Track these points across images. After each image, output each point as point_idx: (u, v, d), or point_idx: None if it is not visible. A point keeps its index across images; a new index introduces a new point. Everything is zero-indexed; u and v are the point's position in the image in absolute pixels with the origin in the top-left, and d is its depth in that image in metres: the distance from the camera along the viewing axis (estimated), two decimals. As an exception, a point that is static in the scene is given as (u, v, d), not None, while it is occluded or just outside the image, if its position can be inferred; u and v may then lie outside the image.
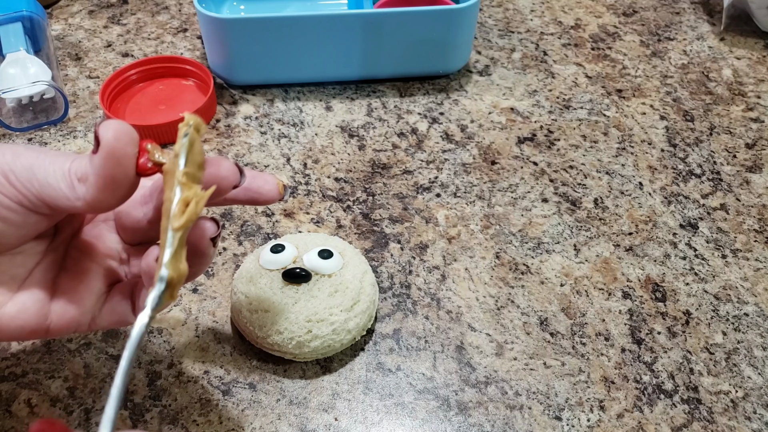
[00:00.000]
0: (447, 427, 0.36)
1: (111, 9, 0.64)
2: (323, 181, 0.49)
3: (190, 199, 0.27)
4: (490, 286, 0.43)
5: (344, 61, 0.55)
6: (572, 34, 0.64)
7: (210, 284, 0.42)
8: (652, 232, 0.47)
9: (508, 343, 0.40)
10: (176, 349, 0.39)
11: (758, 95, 0.58)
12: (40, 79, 0.51)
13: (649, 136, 0.54)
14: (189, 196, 0.27)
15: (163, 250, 0.26)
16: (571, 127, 0.54)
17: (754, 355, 0.40)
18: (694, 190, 0.50)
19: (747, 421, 0.37)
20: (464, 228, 0.46)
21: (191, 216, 0.27)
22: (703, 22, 0.66)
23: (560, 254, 0.45)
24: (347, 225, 0.46)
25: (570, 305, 0.42)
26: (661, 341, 0.40)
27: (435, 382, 0.38)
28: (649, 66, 0.61)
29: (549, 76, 0.59)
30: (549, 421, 0.37)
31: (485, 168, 0.51)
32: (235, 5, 0.61)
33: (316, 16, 0.52)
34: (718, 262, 0.45)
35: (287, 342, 0.36)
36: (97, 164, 0.26)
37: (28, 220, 0.28)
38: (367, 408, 0.37)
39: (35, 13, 0.55)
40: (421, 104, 0.56)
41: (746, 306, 0.43)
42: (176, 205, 0.26)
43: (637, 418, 0.37)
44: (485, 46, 0.62)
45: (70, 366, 0.38)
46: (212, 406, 0.36)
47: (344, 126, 0.53)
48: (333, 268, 0.38)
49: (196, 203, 0.27)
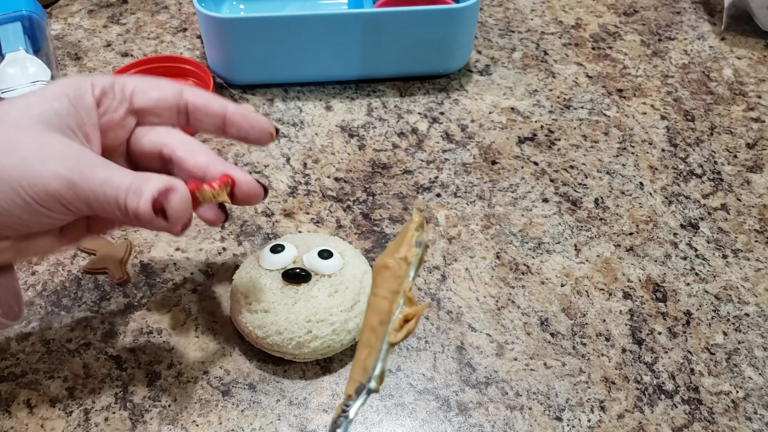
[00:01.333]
0: (447, 427, 0.36)
1: (110, 8, 0.64)
2: (323, 181, 0.49)
3: (411, 317, 0.28)
4: (491, 286, 0.43)
5: (344, 61, 0.55)
6: (573, 34, 0.64)
7: (210, 284, 0.42)
8: (652, 232, 0.47)
9: (509, 344, 0.40)
10: (176, 349, 0.39)
11: (759, 95, 0.58)
12: (39, 78, 0.51)
13: (650, 136, 0.54)
14: (410, 314, 0.28)
15: (371, 356, 0.27)
16: (572, 127, 0.54)
17: (755, 355, 0.40)
18: (694, 190, 0.50)
19: (748, 422, 0.37)
20: (464, 228, 0.46)
21: (408, 334, 0.28)
22: (703, 21, 0.66)
23: (561, 254, 0.45)
24: (347, 225, 0.46)
25: (570, 305, 0.42)
26: (662, 341, 0.40)
27: (435, 383, 0.38)
28: (649, 66, 0.61)
29: (549, 75, 0.59)
30: (549, 421, 0.36)
31: (485, 168, 0.51)
32: (235, 5, 0.61)
33: (316, 16, 0.52)
34: (718, 262, 0.45)
35: (287, 342, 0.36)
36: (158, 225, 0.29)
37: (69, 218, 0.29)
38: (367, 408, 0.37)
39: (35, 13, 0.55)
40: (422, 104, 0.56)
41: (747, 306, 0.43)
42: (397, 319, 0.28)
43: (638, 418, 0.37)
44: (485, 45, 0.62)
45: (69, 366, 0.38)
46: (212, 406, 0.36)
47: (344, 126, 0.53)
48: (333, 268, 0.38)
49: (416, 321, 0.28)
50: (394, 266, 0.28)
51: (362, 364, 0.28)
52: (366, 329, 0.28)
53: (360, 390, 0.27)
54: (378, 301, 0.28)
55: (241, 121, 0.33)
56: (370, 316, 0.28)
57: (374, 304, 0.28)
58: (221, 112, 0.33)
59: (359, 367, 0.28)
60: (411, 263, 0.28)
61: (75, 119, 0.29)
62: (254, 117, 0.34)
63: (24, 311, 0.34)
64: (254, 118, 0.34)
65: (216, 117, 0.33)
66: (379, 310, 0.28)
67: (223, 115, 0.33)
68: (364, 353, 0.28)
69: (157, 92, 0.32)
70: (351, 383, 0.28)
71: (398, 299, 0.28)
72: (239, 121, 0.33)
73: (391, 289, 0.28)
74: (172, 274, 0.43)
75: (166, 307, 0.41)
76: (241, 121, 0.33)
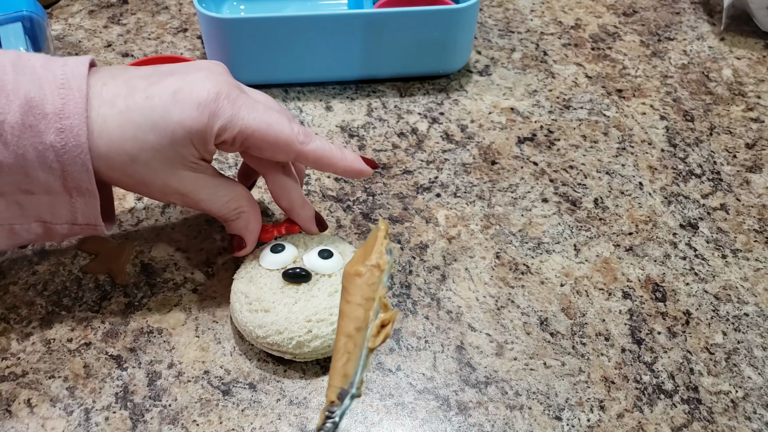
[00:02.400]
0: (447, 427, 0.36)
1: (111, 9, 0.64)
2: (323, 180, 0.49)
3: (387, 322, 0.29)
4: (490, 286, 0.43)
5: (344, 61, 0.55)
6: (572, 34, 0.64)
7: (210, 284, 0.42)
8: (652, 232, 0.47)
9: (508, 343, 0.40)
10: (176, 349, 0.39)
11: (758, 95, 0.58)
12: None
13: (649, 136, 0.54)
14: (386, 319, 0.29)
15: (351, 362, 0.28)
16: (571, 127, 0.54)
17: (754, 355, 0.40)
18: (694, 190, 0.50)
19: (747, 421, 0.37)
20: (464, 228, 0.46)
21: (386, 338, 0.29)
22: (703, 22, 0.66)
23: (560, 254, 0.45)
24: (347, 225, 0.46)
25: (570, 305, 0.42)
26: (662, 341, 0.40)
27: (435, 382, 0.38)
28: (649, 66, 0.61)
29: (549, 76, 0.59)
30: (549, 421, 0.37)
31: (485, 168, 0.51)
32: (235, 5, 0.61)
33: (316, 16, 0.52)
34: (718, 262, 0.45)
35: (287, 342, 0.36)
36: (235, 250, 0.40)
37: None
38: (367, 408, 0.37)
39: (35, 13, 0.55)
40: (421, 104, 0.56)
41: (746, 306, 0.43)
42: (374, 325, 0.29)
43: (637, 418, 0.37)
44: (485, 46, 0.62)
45: (70, 366, 0.38)
46: (212, 406, 0.36)
47: (344, 126, 0.53)
48: (333, 268, 0.38)
49: (392, 325, 0.29)
50: (367, 274, 0.29)
51: (342, 371, 0.28)
52: (342, 336, 0.29)
53: (343, 395, 0.28)
54: (352, 308, 0.29)
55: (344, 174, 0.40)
56: (345, 323, 0.29)
57: (349, 312, 0.29)
58: (333, 168, 0.39)
59: (339, 373, 0.28)
60: (384, 270, 0.29)
61: (197, 157, 0.36)
62: (351, 168, 0.39)
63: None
64: (349, 168, 0.39)
65: (321, 168, 0.39)
66: (355, 317, 0.29)
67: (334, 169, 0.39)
68: (343, 359, 0.28)
69: (271, 154, 0.37)
70: (331, 389, 0.28)
71: (374, 305, 0.29)
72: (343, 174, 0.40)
73: (365, 296, 0.29)
74: (172, 274, 0.43)
75: (166, 307, 0.41)
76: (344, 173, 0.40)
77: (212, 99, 0.34)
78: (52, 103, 0.32)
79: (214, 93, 0.34)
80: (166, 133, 0.34)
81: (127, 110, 0.33)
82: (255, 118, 0.35)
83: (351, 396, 0.28)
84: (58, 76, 0.33)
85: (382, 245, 0.30)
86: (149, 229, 0.45)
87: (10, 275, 0.42)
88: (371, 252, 0.30)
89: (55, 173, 0.33)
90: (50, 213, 0.34)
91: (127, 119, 0.33)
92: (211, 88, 0.34)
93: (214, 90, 0.34)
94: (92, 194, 0.34)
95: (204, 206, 0.38)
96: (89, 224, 0.36)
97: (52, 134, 0.32)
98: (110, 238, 0.44)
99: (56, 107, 0.32)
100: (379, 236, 0.30)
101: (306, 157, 0.37)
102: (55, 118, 0.32)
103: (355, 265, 0.30)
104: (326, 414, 0.28)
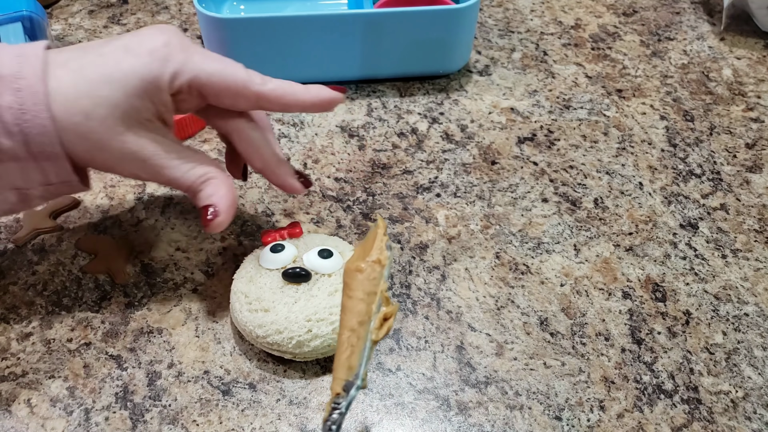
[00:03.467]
0: (447, 427, 0.36)
1: (111, 9, 0.64)
2: (323, 180, 0.49)
3: (389, 315, 0.30)
4: (490, 286, 0.43)
5: (344, 61, 0.55)
6: (572, 34, 0.64)
7: (210, 284, 0.42)
8: (652, 232, 0.47)
9: (508, 343, 0.40)
10: (176, 349, 0.39)
11: (758, 95, 0.58)
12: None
13: (649, 136, 0.54)
14: (388, 313, 0.30)
15: (354, 355, 0.29)
16: (571, 127, 0.54)
17: (754, 355, 0.40)
18: (694, 190, 0.50)
19: (747, 421, 0.37)
20: (464, 228, 0.46)
21: (389, 331, 0.30)
22: (703, 22, 0.66)
23: (560, 254, 0.45)
24: (347, 225, 0.46)
25: (570, 305, 0.42)
26: (661, 341, 0.40)
27: (435, 382, 0.38)
28: (649, 66, 0.61)
29: (549, 76, 0.59)
30: (549, 421, 0.37)
31: (485, 168, 0.51)
32: (235, 5, 0.61)
33: (316, 16, 0.52)
34: (718, 262, 0.45)
35: (287, 342, 0.36)
36: (207, 221, 0.36)
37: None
38: (366, 408, 0.37)
39: (35, 13, 0.55)
40: (421, 104, 0.56)
41: (746, 306, 0.43)
42: (377, 318, 0.30)
43: (637, 418, 0.37)
44: (485, 46, 0.62)
45: (70, 366, 0.38)
46: (212, 406, 0.36)
47: (344, 126, 0.53)
48: (333, 268, 0.38)
49: (393, 318, 0.30)
50: (368, 269, 0.30)
51: (347, 363, 0.29)
52: (345, 330, 0.29)
53: (349, 387, 0.29)
54: (355, 303, 0.29)
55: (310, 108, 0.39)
56: (347, 317, 0.29)
57: (351, 306, 0.29)
58: (295, 104, 0.38)
59: (343, 366, 0.29)
60: (385, 266, 0.30)
61: (153, 113, 0.35)
62: (315, 97, 0.38)
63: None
64: (316, 98, 0.38)
65: (286, 107, 0.38)
66: (358, 311, 0.29)
67: (293, 104, 0.38)
68: (347, 352, 0.29)
69: (230, 101, 0.37)
70: (337, 382, 0.29)
71: (376, 300, 0.29)
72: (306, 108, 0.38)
73: (367, 291, 0.29)
74: (172, 273, 0.43)
75: (166, 306, 0.41)
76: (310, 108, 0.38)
77: (163, 45, 0.34)
78: (9, 66, 0.32)
79: (165, 40, 0.35)
80: (119, 85, 0.33)
81: (80, 69, 0.33)
82: (209, 64, 0.35)
83: (356, 387, 0.29)
84: (14, 48, 0.33)
85: (382, 241, 0.30)
86: (149, 229, 0.45)
87: (9, 275, 0.42)
88: (371, 249, 0.30)
89: (16, 138, 0.32)
90: (22, 179, 0.34)
91: (80, 77, 0.33)
92: (162, 38, 0.35)
93: (166, 39, 0.35)
94: (59, 156, 0.34)
95: (167, 174, 0.36)
96: (63, 181, 0.35)
97: (8, 95, 0.32)
98: (110, 237, 0.44)
99: (12, 70, 0.32)
100: (378, 233, 0.31)
101: (267, 98, 0.36)
102: (11, 79, 0.32)
103: (356, 261, 0.30)
104: (332, 405, 0.29)
